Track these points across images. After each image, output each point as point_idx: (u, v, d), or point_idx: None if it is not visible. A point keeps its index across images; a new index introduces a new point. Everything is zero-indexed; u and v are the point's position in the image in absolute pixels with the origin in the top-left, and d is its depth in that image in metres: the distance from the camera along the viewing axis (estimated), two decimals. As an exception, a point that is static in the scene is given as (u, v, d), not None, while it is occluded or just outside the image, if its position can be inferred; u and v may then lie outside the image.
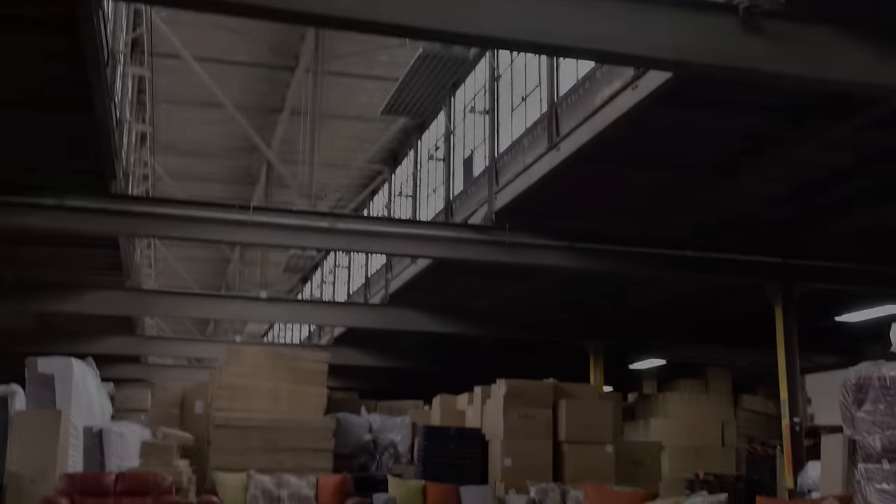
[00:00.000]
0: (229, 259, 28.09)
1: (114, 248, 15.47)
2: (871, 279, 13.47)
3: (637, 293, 17.53)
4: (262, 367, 17.88)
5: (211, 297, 18.49)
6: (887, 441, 9.65)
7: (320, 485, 13.61)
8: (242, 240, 11.97)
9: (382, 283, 19.07)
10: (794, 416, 12.79)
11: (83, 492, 12.91)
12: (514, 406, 15.56)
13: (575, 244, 12.26)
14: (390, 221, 12.20)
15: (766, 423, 23.48)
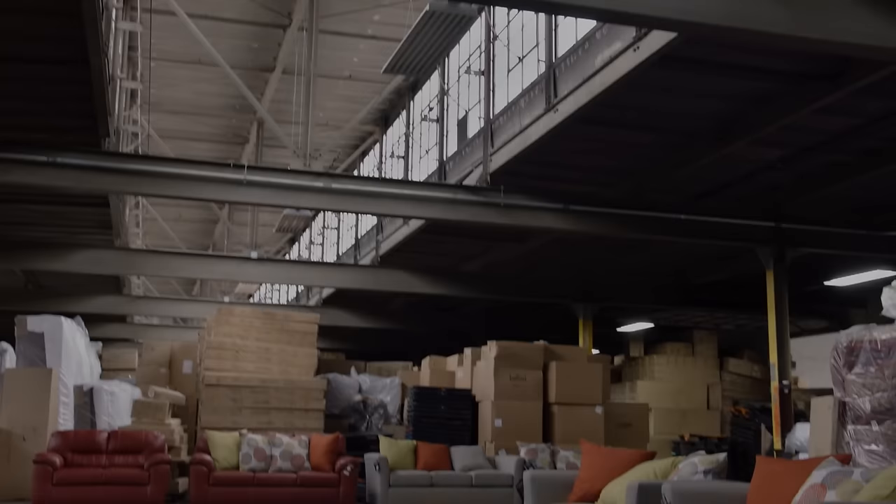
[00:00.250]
0: (217, 219, 27.97)
1: (104, 206, 15.36)
2: (861, 244, 13.58)
3: (628, 256, 17.60)
4: (253, 327, 17.87)
5: (201, 256, 18.41)
6: (877, 403, 9.75)
7: (312, 444, 13.63)
8: (237, 199, 11.89)
9: (373, 245, 19.05)
10: (783, 379, 12.92)
11: (75, 450, 12.91)
12: (504, 367, 15.65)
13: (569, 206, 12.26)
14: (385, 182, 12.13)
15: (751, 386, 23.72)
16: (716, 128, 10.74)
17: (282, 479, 13.13)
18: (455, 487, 13.58)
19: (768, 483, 5.71)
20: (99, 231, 17.41)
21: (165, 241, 27.29)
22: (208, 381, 15.35)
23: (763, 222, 13.02)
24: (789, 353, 13.09)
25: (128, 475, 12.64)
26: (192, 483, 12.89)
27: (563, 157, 11.78)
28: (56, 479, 12.30)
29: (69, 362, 15.74)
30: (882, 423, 9.60)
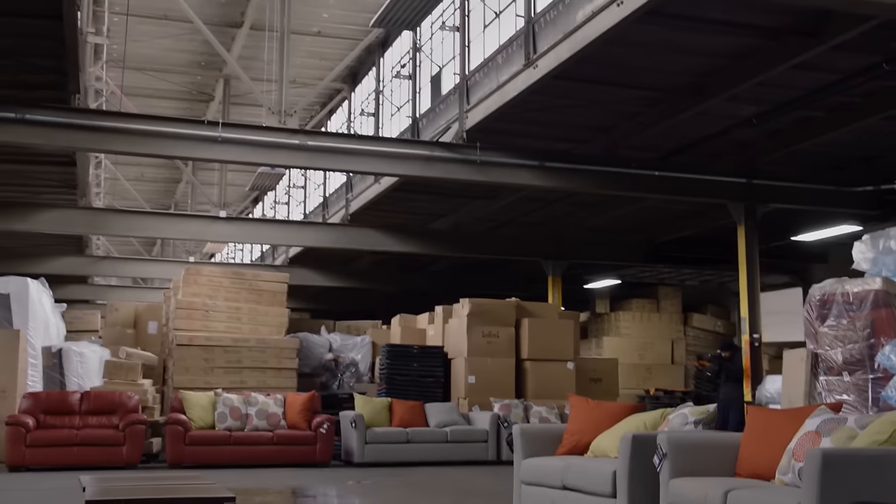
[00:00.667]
0: (179, 179, 27.62)
1: (69, 165, 15.09)
2: (829, 199, 13.78)
3: (597, 214, 17.70)
4: (222, 287, 17.73)
5: (168, 216, 18.17)
6: (848, 354, 9.99)
7: (288, 402, 13.63)
8: (211, 157, 11.73)
9: (342, 204, 18.94)
10: (753, 333, 13.14)
11: (48, 411, 12.80)
12: (477, 325, 15.74)
13: (545, 163, 12.27)
14: (361, 139, 12.03)
15: (714, 341, 24.12)
16: (693, 84, 10.79)
17: (258, 437, 13.14)
18: (431, 443, 13.71)
19: (761, 432, 5.81)
20: (63, 191, 17.12)
21: (125, 201, 26.90)
22: (180, 341, 15.23)
23: (735, 178, 13.15)
24: (759, 307, 13.30)
25: (103, 436, 12.57)
26: (167, 443, 12.85)
27: (541, 114, 11.77)
28: (29, 441, 12.20)
29: (36, 324, 15.52)
30: (853, 374, 9.84)
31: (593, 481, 6.33)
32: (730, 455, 5.82)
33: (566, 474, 6.64)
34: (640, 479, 6.03)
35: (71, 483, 10.64)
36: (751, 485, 5.28)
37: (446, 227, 19.02)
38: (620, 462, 6.14)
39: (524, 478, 7.25)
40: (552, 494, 6.80)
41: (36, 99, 10.86)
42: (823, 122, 11.90)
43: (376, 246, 17.99)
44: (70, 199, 17.71)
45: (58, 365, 15.28)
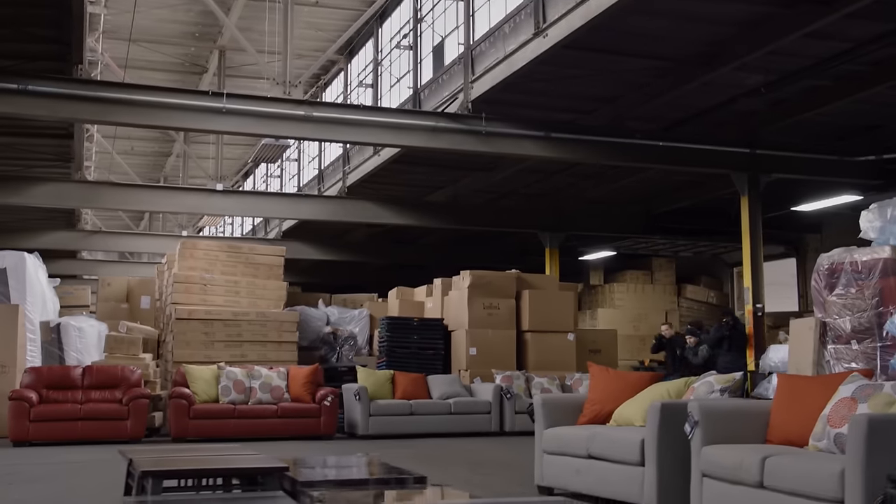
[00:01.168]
0: (169, 153, 27.37)
1: (64, 137, 14.92)
2: (831, 169, 13.80)
3: (595, 186, 17.67)
4: (218, 260, 17.61)
5: (165, 189, 17.99)
6: (857, 323, 10.03)
7: (291, 375, 13.59)
8: (216, 128, 11.59)
9: (338, 176, 18.80)
10: (756, 303, 13.17)
11: (50, 386, 12.71)
12: (478, 296, 15.73)
13: (550, 134, 12.21)
14: (367, 110, 11.90)
15: (707, 312, 24.27)
16: (704, 53, 10.74)
17: (262, 410, 13.10)
18: (434, 415, 13.71)
19: (791, 399, 5.81)
20: (57, 164, 16.93)
21: (114, 175, 26.62)
22: (179, 315, 15.12)
23: (738, 148, 13.13)
24: (762, 277, 13.33)
25: (106, 410, 12.50)
26: (171, 417, 12.79)
27: (547, 84, 11.68)
28: (33, 416, 12.12)
29: (34, 298, 15.39)
30: (861, 342, 9.87)
31: (620, 450, 6.33)
32: (760, 422, 5.82)
33: (591, 443, 6.64)
34: (668, 446, 6.03)
35: (81, 457, 10.62)
36: (786, 451, 5.29)
37: (444, 200, 18.95)
38: (648, 430, 6.14)
39: (546, 447, 7.25)
40: (577, 463, 6.80)
41: (36, 70, 10.68)
42: (830, 91, 11.88)
43: (374, 218, 17.90)
44: (64, 172, 17.53)
45: (56, 340, 15.19)
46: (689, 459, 5.84)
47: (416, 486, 4.14)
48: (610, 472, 6.45)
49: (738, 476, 5.31)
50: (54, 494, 7.51)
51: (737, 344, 13.09)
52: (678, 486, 5.96)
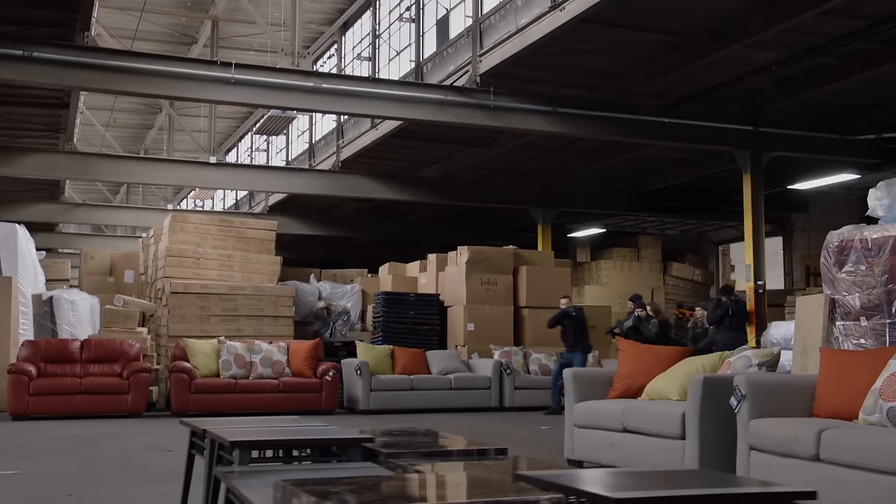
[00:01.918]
0: (151, 125, 27.00)
1: (58, 107, 14.64)
2: (831, 148, 13.87)
3: (590, 162, 17.67)
4: (209, 234, 17.43)
5: (157, 161, 17.69)
6: (866, 299, 10.08)
7: (291, 350, 13.53)
8: (224, 98, 11.37)
9: (330, 151, 18.63)
10: (757, 280, 13.26)
11: (48, 359, 12.55)
12: (476, 272, 15.72)
13: (558, 109, 12.16)
14: (376, 82, 11.77)
15: (692, 290, 24.44)
16: (717, 29, 10.71)
17: (264, 385, 13.04)
18: (435, 390, 13.73)
19: (837, 373, 5.83)
20: (46, 134, 16.63)
21: (92, 146, 26.19)
22: (175, 289, 14.96)
23: (742, 126, 13.17)
24: (764, 254, 13.41)
25: (107, 384, 12.37)
26: (173, 391, 12.69)
27: (557, 58, 11.62)
28: (32, 389, 11.98)
29: (25, 271, 15.17)
30: (871, 319, 9.94)
31: (659, 423, 6.32)
32: (806, 396, 5.84)
33: (627, 417, 6.63)
34: (709, 420, 6.03)
35: (86, 431, 10.48)
36: (840, 425, 5.29)
37: (437, 175, 18.87)
38: (690, 404, 6.13)
39: (578, 421, 7.24)
40: (611, 437, 6.80)
41: (40, 36, 10.43)
42: (836, 69, 11.92)
43: (367, 193, 17.79)
44: (52, 143, 17.22)
45: (49, 313, 14.97)
46: (729, 433, 5.84)
47: (498, 458, 4.10)
48: (647, 446, 6.45)
49: (792, 449, 5.31)
50: (74, 466, 7.40)
51: (737, 321, 13.13)
52: (719, 459, 5.98)
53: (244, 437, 3.74)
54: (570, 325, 13.34)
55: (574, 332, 13.33)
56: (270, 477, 3.11)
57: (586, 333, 13.53)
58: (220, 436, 3.88)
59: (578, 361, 13.08)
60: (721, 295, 13.51)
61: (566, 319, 13.36)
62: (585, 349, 13.40)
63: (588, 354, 13.54)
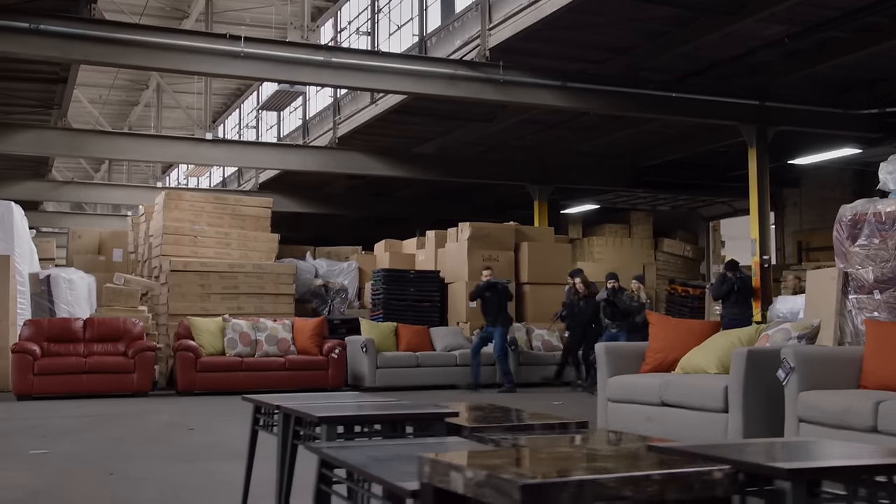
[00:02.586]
0: (136, 101, 26.63)
1: (53, 82, 14.38)
2: (834, 122, 13.89)
3: (588, 138, 17.61)
4: (204, 211, 17.25)
5: (152, 137, 17.42)
6: (879, 273, 10.13)
7: (296, 328, 13.43)
8: (233, 73, 11.18)
9: (327, 126, 18.44)
10: (763, 254, 13.30)
11: (51, 338, 12.40)
12: (477, 248, 15.66)
13: (567, 83, 12.08)
14: (386, 56, 11.61)
15: (683, 266, 24.50)
16: (732, 2, 10.65)
17: (270, 363, 12.95)
18: (440, 367, 13.70)
19: (885, 345, 5.83)
20: (38, 110, 16.34)
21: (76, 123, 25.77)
22: (175, 267, 14.79)
23: (749, 100, 13.15)
24: (769, 229, 13.44)
25: (112, 363, 12.24)
26: (178, 370, 12.56)
27: (568, 32, 11.51)
28: (37, 369, 11.83)
29: (22, 249, 14.93)
30: (884, 292, 9.99)
31: (701, 397, 6.30)
32: (853, 368, 5.84)
33: (665, 391, 6.60)
34: (753, 393, 6.02)
35: (97, 410, 10.36)
36: (891, 396, 5.30)
37: (433, 151, 18.75)
38: (734, 377, 6.11)
39: (612, 395, 7.21)
40: (648, 411, 6.77)
41: (45, 9, 10.18)
42: (846, 43, 11.91)
43: (364, 170, 17.66)
44: (44, 119, 16.94)
45: (46, 292, 14.76)
46: (773, 405, 5.83)
47: (580, 431, 4.06)
48: (687, 419, 6.43)
49: (846, 420, 5.31)
50: (101, 445, 7.30)
51: (743, 295, 13.14)
52: (763, 432, 5.96)
53: (328, 413, 3.67)
54: (493, 298, 12.84)
55: (496, 306, 12.84)
56: (367, 451, 3.05)
57: (506, 308, 13.16)
58: (302, 411, 3.81)
59: (499, 336, 12.73)
60: (726, 270, 13.50)
61: (489, 292, 12.87)
62: (506, 323, 12.95)
63: (509, 329, 13.15)
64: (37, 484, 5.49)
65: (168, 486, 5.43)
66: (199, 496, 5.11)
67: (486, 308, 13.10)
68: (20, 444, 7.32)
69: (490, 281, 13.01)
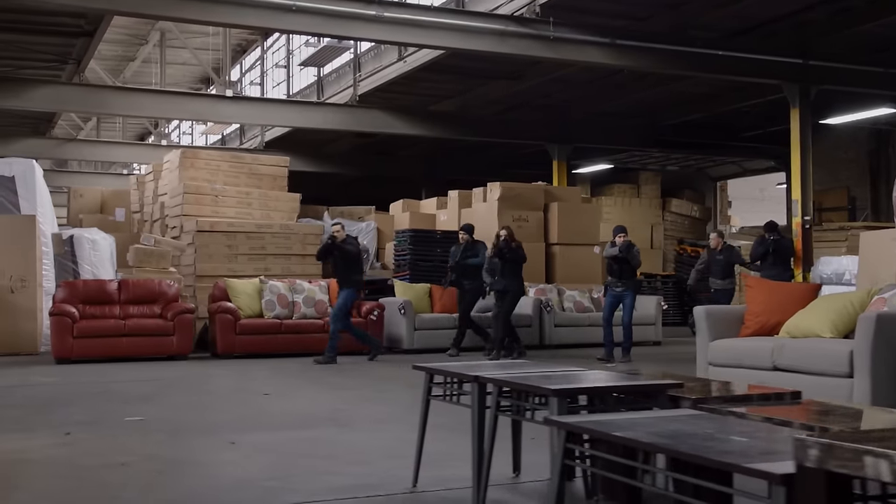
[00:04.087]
0: (133, 57, 25.95)
1: (74, 36, 13.92)
2: (874, 81, 13.77)
3: (611, 97, 17.42)
4: (220, 171, 16.95)
5: (171, 94, 16.92)
6: (937, 232, 10.12)
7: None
8: (283, 27, 10.85)
9: (343, 84, 18.07)
10: (805, 215, 13.23)
11: (86, 301, 12.12)
12: (507, 209, 15.48)
13: (616, 41, 11.86)
14: (438, 11, 11.29)
15: (691, 226, 24.46)
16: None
17: (309, 325, 12.76)
18: (477, 329, 13.52)
19: None
20: (52, 65, 15.84)
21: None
22: (202, 227, 14.47)
23: (792, 59, 13.00)
24: (811, 190, 13.36)
25: (152, 326, 12.01)
26: (218, 332, 12.34)
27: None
28: (76, 332, 11.55)
29: (44, 209, 14.61)
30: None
31: (822, 362, 6.21)
32: None
33: (779, 355, 6.50)
34: (882, 357, 5.93)
35: (149, 374, 10.13)
36: None
37: (452, 109, 18.46)
38: (860, 341, 6.01)
39: (714, 360, 7.11)
40: (758, 376, 6.66)
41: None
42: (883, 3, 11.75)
43: (384, 128, 17.36)
44: (54, 74, 16.44)
45: (69, 253, 14.42)
46: (901, 370, 5.76)
47: (794, 401, 3.92)
48: (805, 384, 6.32)
49: None
50: (189, 411, 7.08)
51: (780, 258, 12.89)
52: (892, 396, 5.89)
53: (557, 386, 3.53)
54: (340, 257, 11.58)
55: (343, 265, 11.59)
56: (640, 426, 2.90)
57: (358, 268, 11.85)
58: (524, 384, 3.64)
59: (349, 298, 11.61)
60: (765, 231, 13.32)
61: (337, 251, 11.56)
62: (355, 285, 11.69)
63: (359, 291, 12.07)
64: (167, 452, 5.29)
65: (310, 453, 5.24)
66: (356, 461, 4.92)
67: (335, 268, 11.93)
68: (106, 411, 7.10)
69: (338, 238, 11.60)
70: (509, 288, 11.89)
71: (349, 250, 11.61)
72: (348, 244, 11.66)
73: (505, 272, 11.85)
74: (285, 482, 4.50)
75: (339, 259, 11.65)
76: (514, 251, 11.87)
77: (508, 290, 11.89)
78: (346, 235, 11.77)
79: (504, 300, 11.89)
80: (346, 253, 11.58)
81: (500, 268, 11.89)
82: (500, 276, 11.90)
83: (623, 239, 11.58)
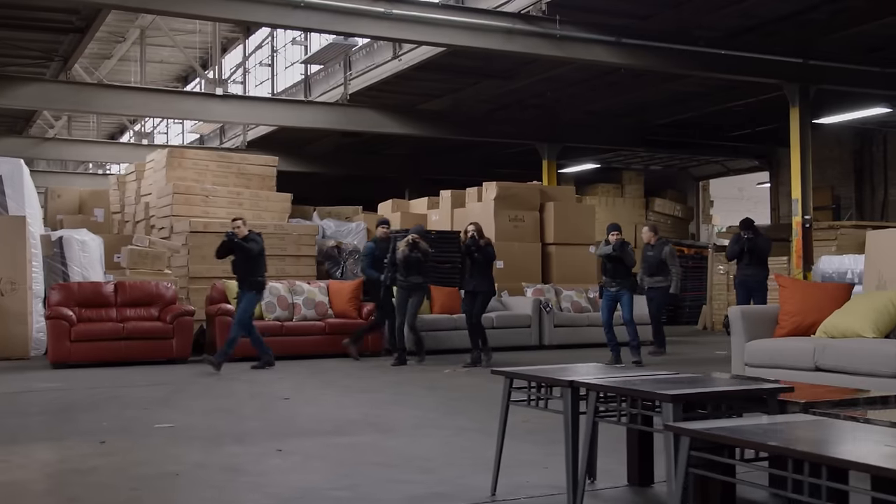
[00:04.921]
0: (109, 55, 25.48)
1: (63, 32, 13.59)
2: (870, 81, 13.84)
3: (603, 97, 17.38)
4: (208, 170, 16.68)
5: (163, 93, 16.65)
6: (947, 233, 10.16)
7: (332, 291, 13.04)
8: (291, 23, 10.62)
9: (333, 82, 17.84)
10: (805, 214, 13.25)
11: (82, 304, 11.82)
12: (504, 208, 15.36)
13: (621, 39, 11.80)
14: (447, 9, 11.13)
15: (674, 225, 24.53)
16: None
17: (310, 327, 12.57)
18: (477, 330, 13.39)
19: None
20: (37, 62, 15.48)
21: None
22: (195, 228, 14.19)
23: (793, 59, 13.02)
24: (811, 189, 13.40)
25: (151, 329, 11.75)
26: (217, 334, 12.07)
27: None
28: (74, 335, 11.25)
29: (32, 210, 14.23)
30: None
31: (868, 362, 6.18)
32: None
33: (821, 356, 6.46)
34: (931, 358, 5.90)
35: (153, 377, 9.87)
36: None
37: (442, 108, 18.32)
38: (910, 341, 5.99)
39: (751, 360, 7.05)
40: (799, 376, 6.60)
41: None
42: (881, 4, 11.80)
43: (375, 127, 17.20)
44: (39, 72, 16.07)
45: (59, 254, 14.06)
46: (951, 370, 5.73)
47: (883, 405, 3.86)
48: (851, 385, 6.28)
49: None
50: (214, 416, 6.88)
51: (757, 257, 11.82)
52: (941, 398, 5.85)
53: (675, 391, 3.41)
54: (240, 256, 10.73)
55: (244, 265, 10.75)
56: (776, 434, 2.80)
57: (260, 268, 10.92)
58: (636, 389, 3.52)
59: (251, 302, 10.87)
60: (740, 229, 12.42)
61: (237, 249, 10.71)
62: (256, 287, 10.85)
63: (262, 293, 11.20)
64: (214, 460, 5.10)
65: (364, 461, 5.08)
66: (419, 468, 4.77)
67: (235, 267, 11.03)
68: (131, 418, 6.87)
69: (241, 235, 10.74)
70: (479, 289, 11.23)
71: (251, 248, 10.65)
72: (251, 241, 10.68)
73: (474, 272, 11.23)
74: (354, 491, 4.35)
75: (240, 258, 10.71)
76: (483, 250, 11.17)
77: (479, 292, 11.25)
78: (248, 231, 10.80)
79: (475, 302, 11.29)
80: (248, 251, 10.64)
81: (469, 268, 11.30)
82: (469, 276, 11.33)
83: (616, 237, 11.10)
